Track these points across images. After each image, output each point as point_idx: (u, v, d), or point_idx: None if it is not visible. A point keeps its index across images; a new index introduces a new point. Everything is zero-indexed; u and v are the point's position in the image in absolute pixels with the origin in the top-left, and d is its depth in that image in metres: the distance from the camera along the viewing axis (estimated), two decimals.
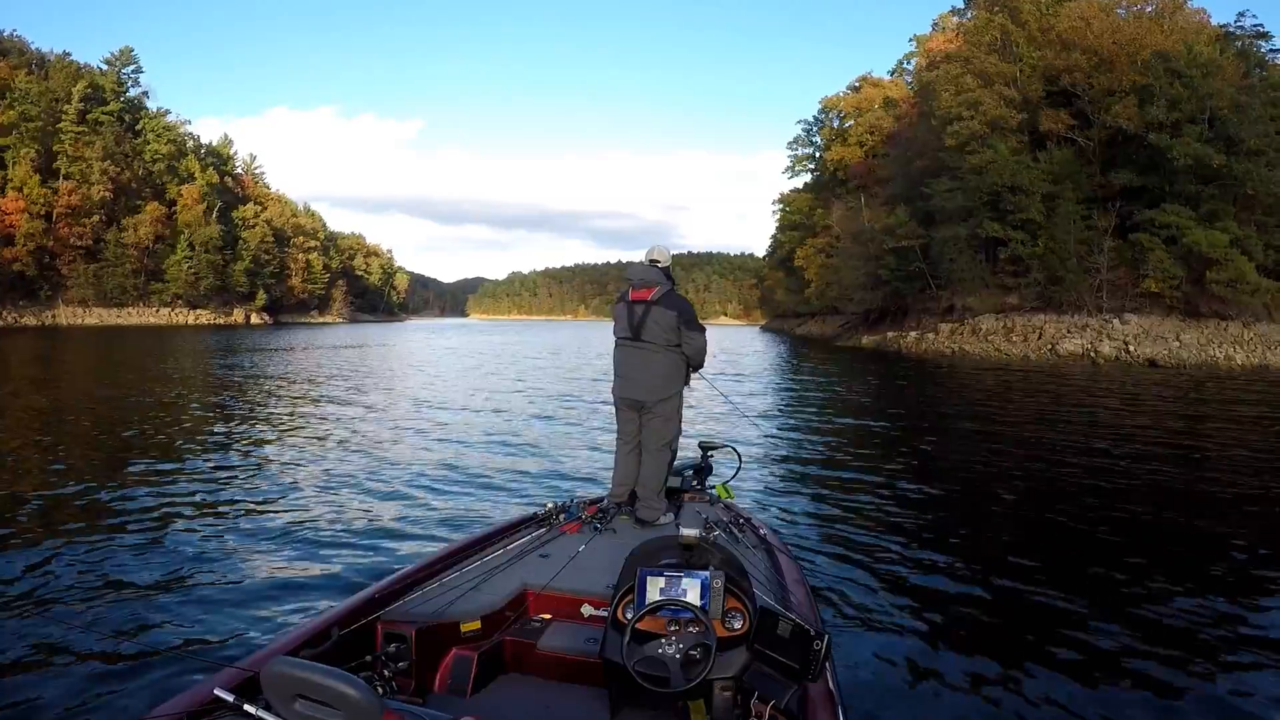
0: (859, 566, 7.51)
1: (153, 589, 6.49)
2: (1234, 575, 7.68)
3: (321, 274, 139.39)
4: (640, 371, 6.03)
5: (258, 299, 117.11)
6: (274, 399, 21.37)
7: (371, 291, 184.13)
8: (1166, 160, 48.20)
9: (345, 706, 2.14)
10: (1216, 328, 48.04)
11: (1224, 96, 47.91)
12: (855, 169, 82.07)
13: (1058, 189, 52.21)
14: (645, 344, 5.96)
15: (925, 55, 75.84)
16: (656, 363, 5.98)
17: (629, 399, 6.14)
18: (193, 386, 24.24)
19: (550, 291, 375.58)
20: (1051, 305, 52.51)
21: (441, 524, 8.74)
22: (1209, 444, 16.37)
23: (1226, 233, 46.93)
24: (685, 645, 3.12)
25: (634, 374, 6.07)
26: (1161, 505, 10.57)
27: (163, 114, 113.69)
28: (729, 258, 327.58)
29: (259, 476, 11.15)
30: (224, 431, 15.21)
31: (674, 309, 5.94)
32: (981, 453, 14.53)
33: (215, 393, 22.63)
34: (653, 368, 5.98)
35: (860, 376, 34.38)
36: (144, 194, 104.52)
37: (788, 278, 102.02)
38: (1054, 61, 54.09)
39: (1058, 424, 19.07)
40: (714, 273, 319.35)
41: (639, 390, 6.05)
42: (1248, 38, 54.75)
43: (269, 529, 8.36)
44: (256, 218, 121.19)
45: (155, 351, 41.56)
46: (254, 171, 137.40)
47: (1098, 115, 52.71)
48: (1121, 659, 5.63)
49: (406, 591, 4.21)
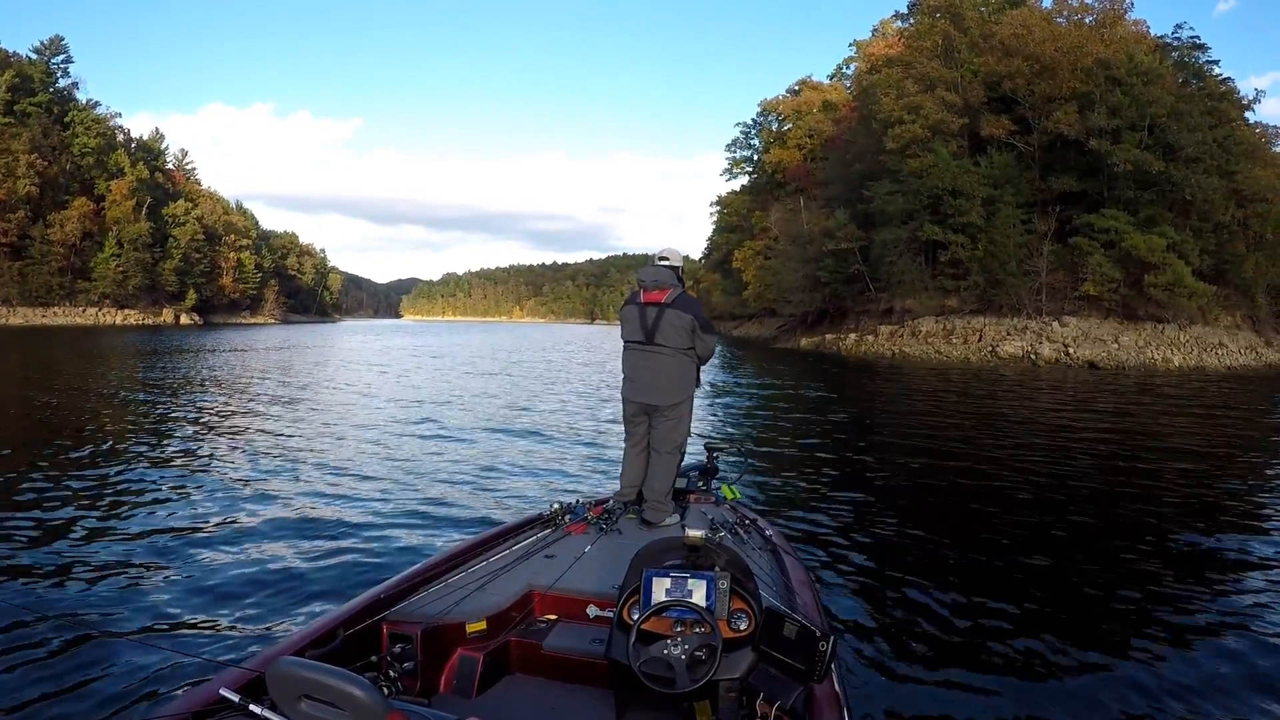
0: (865, 567, 7.50)
1: (156, 590, 6.39)
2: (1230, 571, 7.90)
3: (253, 274, 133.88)
4: (653, 375, 5.90)
5: (188, 299, 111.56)
6: (265, 399, 20.89)
7: (304, 292, 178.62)
8: (1106, 166, 48.44)
9: (351, 707, 2.14)
10: (1154, 330, 48.36)
11: (1163, 104, 48.16)
12: (794, 171, 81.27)
13: (998, 193, 52.03)
14: (658, 347, 5.83)
15: (866, 60, 75.35)
16: (669, 366, 5.86)
17: (641, 402, 6.01)
18: (169, 389, 22.82)
19: (485, 293, 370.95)
20: (991, 308, 52.36)
21: (445, 524, 8.63)
22: (1174, 443, 16.90)
23: (1164, 237, 47.09)
24: (691, 646, 3.06)
25: (646, 377, 5.93)
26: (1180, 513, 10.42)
27: (92, 106, 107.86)
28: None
29: (260, 475, 10.94)
30: (209, 431, 15.01)
31: (690, 312, 5.80)
32: (976, 453, 14.47)
33: (200, 393, 22.14)
34: (665, 371, 5.86)
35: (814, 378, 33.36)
36: (72, 189, 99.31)
37: (725, 280, 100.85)
38: (995, 67, 53.90)
39: (1036, 426, 18.95)
40: None
41: (651, 394, 5.92)
42: (1185, 49, 55.37)
43: (275, 530, 8.21)
44: (187, 215, 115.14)
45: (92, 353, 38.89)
46: (185, 167, 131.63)
47: (1038, 121, 52.72)
48: (1136, 659, 5.60)
49: (412, 592, 4.17)
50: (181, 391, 22.09)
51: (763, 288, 79.22)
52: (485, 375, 32.12)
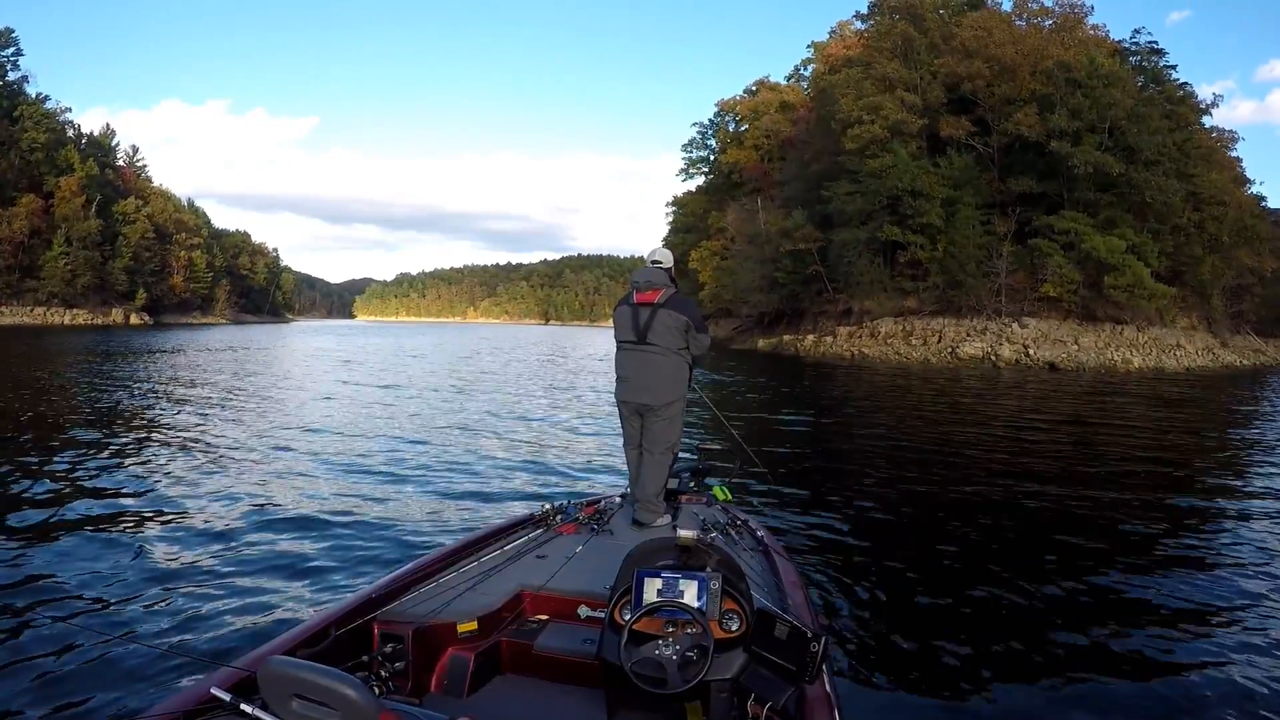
0: (857, 568, 7.35)
1: (149, 590, 6.24)
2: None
3: (205, 273, 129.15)
4: (645, 375, 5.75)
5: (138, 298, 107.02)
6: (242, 398, 20.70)
7: (257, 292, 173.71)
8: (1066, 168, 47.86)
9: (342, 706, 2.12)
10: (1113, 331, 47.88)
11: (1123, 107, 47.71)
12: (751, 172, 79.91)
13: (958, 194, 51.38)
14: (651, 348, 5.69)
15: (824, 61, 74.16)
16: (661, 366, 5.70)
17: (634, 403, 5.85)
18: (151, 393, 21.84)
19: (439, 293, 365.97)
20: (951, 309, 51.67)
21: (437, 524, 8.52)
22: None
23: (1123, 239, 46.54)
24: (682, 647, 3.00)
25: (639, 378, 5.78)
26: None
27: (42, 100, 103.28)
28: (619, 260, 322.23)
29: (250, 475, 10.79)
30: (194, 431, 14.67)
31: (683, 313, 5.70)
32: (966, 453, 14.46)
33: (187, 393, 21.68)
34: (658, 371, 5.71)
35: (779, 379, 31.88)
36: (19, 185, 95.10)
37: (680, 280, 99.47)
38: (955, 69, 53.17)
39: (1015, 426, 18.81)
40: (604, 275, 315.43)
41: (644, 394, 5.77)
42: (1144, 53, 55.00)
43: (266, 530, 8.06)
44: (138, 212, 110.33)
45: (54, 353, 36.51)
46: (136, 164, 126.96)
47: (998, 122, 52.17)
48: (1124, 655, 5.57)
49: (404, 592, 4.06)
50: (159, 392, 21.42)
51: (719, 288, 77.93)
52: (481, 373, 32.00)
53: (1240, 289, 57.98)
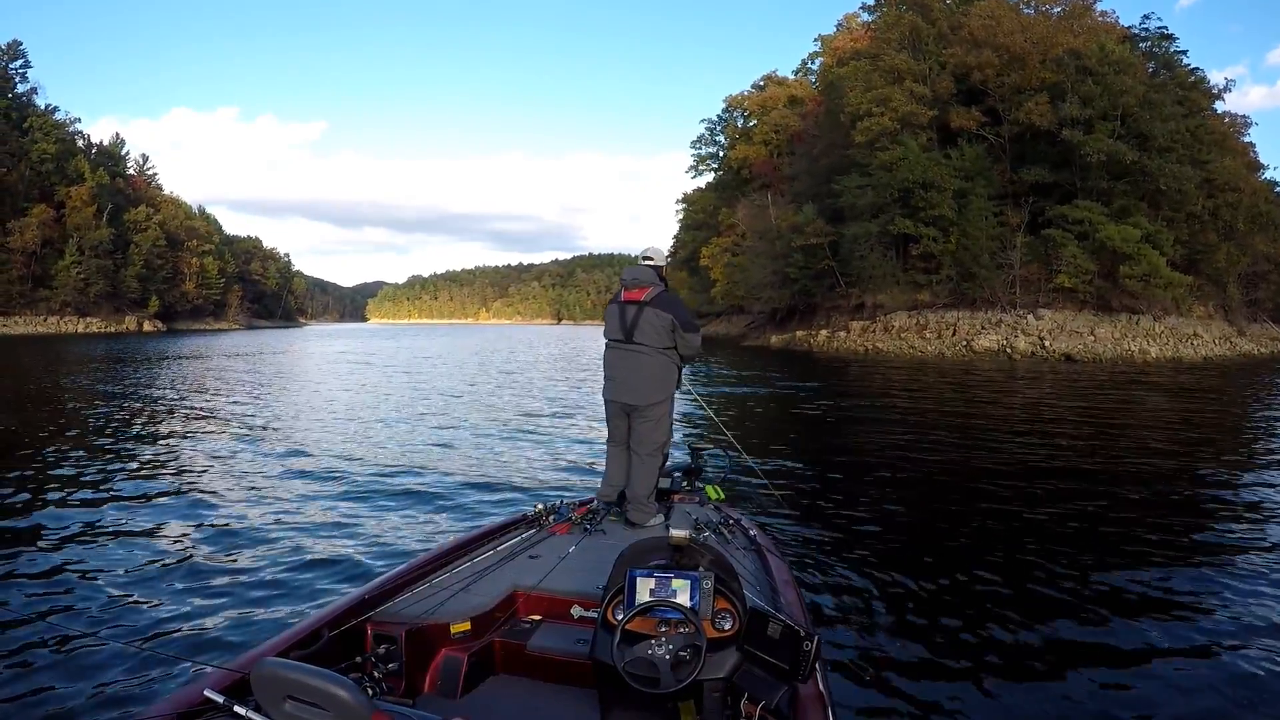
0: (849, 567, 7.24)
1: (141, 592, 6.28)
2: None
3: (217, 278, 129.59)
4: (631, 374, 5.72)
5: (150, 305, 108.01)
6: (241, 403, 20.73)
7: (269, 296, 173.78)
8: (1078, 157, 47.12)
9: (335, 707, 2.12)
10: (1129, 322, 47.08)
11: (1135, 94, 46.90)
12: (760, 167, 79.50)
13: (969, 185, 50.62)
14: (637, 346, 5.67)
15: (831, 54, 73.54)
16: (648, 365, 5.68)
17: (619, 402, 5.81)
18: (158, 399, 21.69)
19: (451, 295, 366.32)
20: (964, 302, 50.94)
21: (430, 525, 8.50)
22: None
23: (1138, 228, 45.78)
24: (675, 646, 3.00)
25: (625, 377, 5.76)
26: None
27: (51, 111, 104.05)
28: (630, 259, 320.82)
29: (243, 478, 10.80)
30: (188, 437, 14.76)
31: (669, 311, 5.65)
32: (961, 450, 14.08)
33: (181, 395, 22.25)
34: (644, 371, 5.68)
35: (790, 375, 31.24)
36: (31, 195, 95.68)
37: (691, 278, 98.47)
38: (964, 59, 52.42)
39: (1017, 421, 18.32)
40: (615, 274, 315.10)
41: (630, 394, 5.74)
42: (1155, 39, 54.13)
43: (259, 531, 8.04)
44: (149, 220, 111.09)
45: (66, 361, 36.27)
46: (146, 172, 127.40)
47: (1008, 112, 51.46)
48: (1128, 658, 5.42)
49: (396, 593, 4.06)
50: (158, 397, 21.48)
51: (731, 285, 77.57)
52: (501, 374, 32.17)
53: (1256, 276, 56.91)
